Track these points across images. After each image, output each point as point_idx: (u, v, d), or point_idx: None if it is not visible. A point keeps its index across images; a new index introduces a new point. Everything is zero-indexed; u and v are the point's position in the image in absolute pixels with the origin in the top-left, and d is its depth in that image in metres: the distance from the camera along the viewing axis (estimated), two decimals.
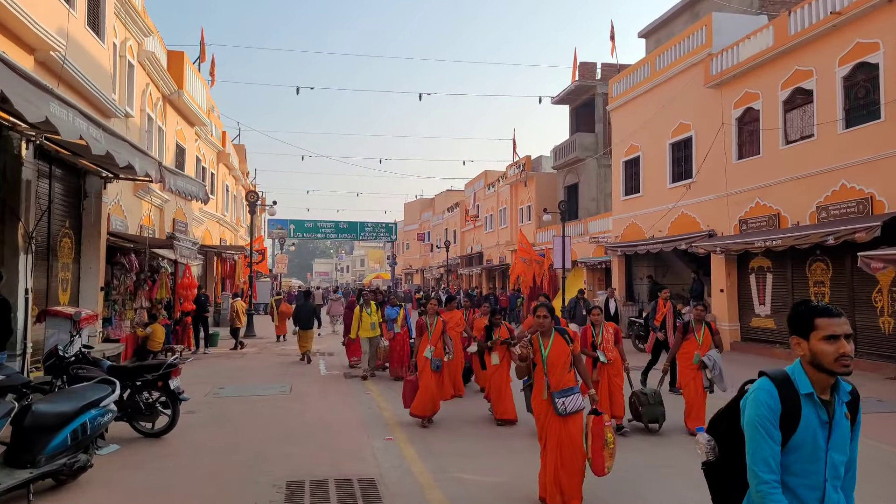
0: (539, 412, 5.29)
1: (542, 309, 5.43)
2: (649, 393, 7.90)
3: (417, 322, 8.68)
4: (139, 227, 15.63)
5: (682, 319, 17.70)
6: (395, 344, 11.94)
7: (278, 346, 18.22)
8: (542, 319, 5.36)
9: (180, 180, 10.12)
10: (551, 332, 5.38)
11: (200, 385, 11.12)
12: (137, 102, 15.16)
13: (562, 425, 5.11)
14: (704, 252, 17.31)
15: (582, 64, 27.99)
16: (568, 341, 5.33)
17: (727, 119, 16.94)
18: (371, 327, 12.08)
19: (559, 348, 5.30)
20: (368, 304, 12.35)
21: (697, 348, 7.98)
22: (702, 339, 8.03)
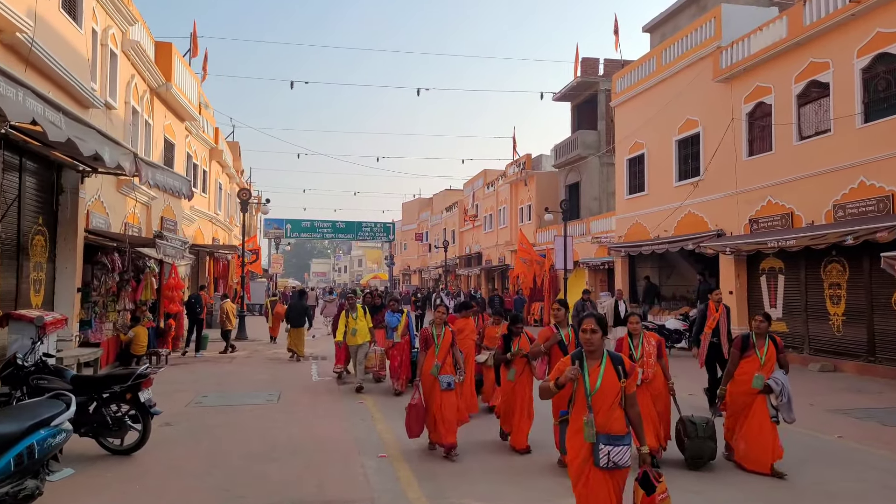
0: (574, 454, 4.05)
1: (589, 321, 4.09)
2: (699, 423, 6.43)
3: (422, 333, 7.32)
4: (123, 225, 14.92)
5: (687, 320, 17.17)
6: (395, 353, 10.79)
7: (270, 349, 17.54)
8: (591, 335, 4.02)
9: (160, 174, 9.43)
10: (602, 356, 4.05)
11: (182, 393, 10.44)
12: (121, 94, 14.46)
13: (603, 479, 3.91)
14: (713, 252, 16.66)
15: (584, 59, 27.34)
16: (621, 374, 4.00)
17: (737, 114, 16.29)
18: (353, 333, 10.94)
19: (610, 381, 3.99)
20: (354, 307, 11.14)
21: (759, 369, 6.45)
22: (765, 357, 6.47)
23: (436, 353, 7.08)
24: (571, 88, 27.73)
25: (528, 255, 28.33)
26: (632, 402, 4.04)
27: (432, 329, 7.23)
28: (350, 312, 11.08)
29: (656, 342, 6.73)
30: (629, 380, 4.03)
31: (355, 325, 10.86)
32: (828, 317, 13.91)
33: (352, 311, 11.07)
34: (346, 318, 11.02)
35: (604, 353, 4.05)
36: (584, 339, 4.05)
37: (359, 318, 10.97)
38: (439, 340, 7.11)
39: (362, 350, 11.02)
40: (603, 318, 4.14)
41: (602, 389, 3.96)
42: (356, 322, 10.90)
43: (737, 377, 6.59)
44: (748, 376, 6.46)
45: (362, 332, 10.91)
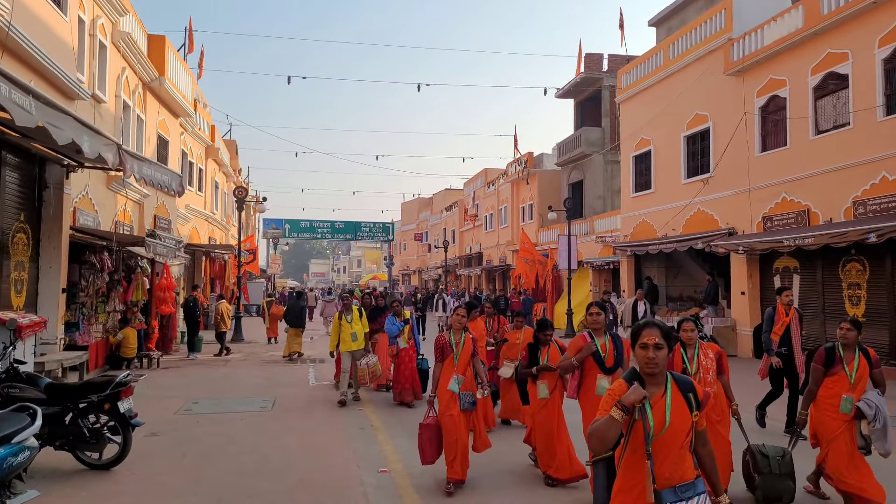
0: None
1: (651, 331, 2.89)
2: (772, 456, 5.33)
3: (437, 341, 6.10)
4: (114, 223, 14.37)
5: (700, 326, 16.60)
6: (398, 361, 9.84)
7: (266, 352, 16.98)
8: (653, 353, 2.86)
9: (147, 167, 8.87)
10: (666, 380, 2.93)
11: (172, 399, 9.88)
12: (111, 87, 13.91)
13: None
14: (724, 251, 16.12)
15: (588, 55, 26.80)
16: (692, 405, 2.89)
17: (749, 108, 15.75)
18: (352, 338, 9.76)
19: (680, 417, 2.86)
20: (349, 309, 9.95)
21: (849, 389, 5.25)
22: (855, 375, 5.29)
23: (455, 363, 5.97)
24: (575, 85, 27.18)
25: (531, 254, 27.78)
26: (703, 441, 3.01)
27: (450, 336, 6.08)
28: (344, 315, 9.89)
29: (715, 354, 5.50)
30: (703, 412, 2.95)
31: (352, 328, 9.77)
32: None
33: (346, 313, 9.91)
34: (340, 322, 9.84)
35: (667, 378, 2.95)
36: (643, 357, 2.90)
37: (354, 321, 9.84)
38: (458, 349, 5.99)
39: (358, 356, 9.88)
40: (670, 330, 2.99)
41: (670, 429, 2.82)
42: (352, 325, 9.80)
43: (820, 399, 5.39)
44: (835, 398, 5.27)
45: (357, 337, 9.86)
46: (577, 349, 5.48)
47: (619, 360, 5.43)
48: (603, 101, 26.76)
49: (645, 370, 2.91)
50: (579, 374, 5.53)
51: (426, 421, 5.89)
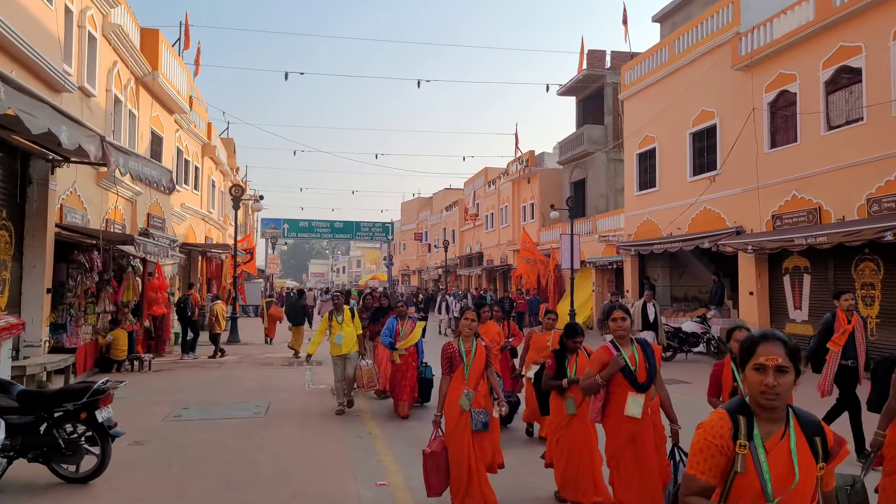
0: None
1: (774, 347, 2.16)
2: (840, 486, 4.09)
3: (445, 349, 5.19)
4: (104, 221, 13.96)
5: (707, 326, 16.23)
6: (396, 368, 8.95)
7: (263, 353, 16.56)
8: (775, 378, 2.11)
9: (134, 161, 8.45)
10: (787, 415, 2.18)
11: (161, 404, 9.46)
12: (101, 81, 13.49)
13: None
14: (732, 251, 15.72)
15: (590, 52, 26.38)
16: (818, 452, 2.12)
17: (758, 104, 15.34)
18: (336, 341, 8.89)
19: (807, 469, 2.11)
20: (340, 310, 9.08)
21: None
22: None
23: (465, 376, 5.06)
24: (577, 82, 26.77)
25: (532, 254, 27.39)
26: (829, 499, 2.19)
27: (459, 344, 5.18)
28: (334, 315, 9.03)
29: None
30: (833, 462, 2.16)
31: (340, 330, 8.89)
32: None
33: (337, 313, 9.05)
34: (330, 323, 9.01)
35: (788, 413, 2.17)
36: (760, 384, 2.11)
37: (345, 322, 8.97)
38: (469, 360, 5.10)
39: (350, 363, 8.97)
40: (796, 348, 2.25)
41: (800, 485, 2.06)
42: (342, 327, 8.92)
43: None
44: None
45: (349, 339, 8.95)
46: (602, 364, 4.51)
47: (651, 373, 4.51)
48: (605, 98, 26.35)
49: (762, 402, 2.12)
50: (604, 393, 4.56)
51: (431, 447, 4.96)
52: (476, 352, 5.14)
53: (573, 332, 5.54)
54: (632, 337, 4.63)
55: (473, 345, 5.18)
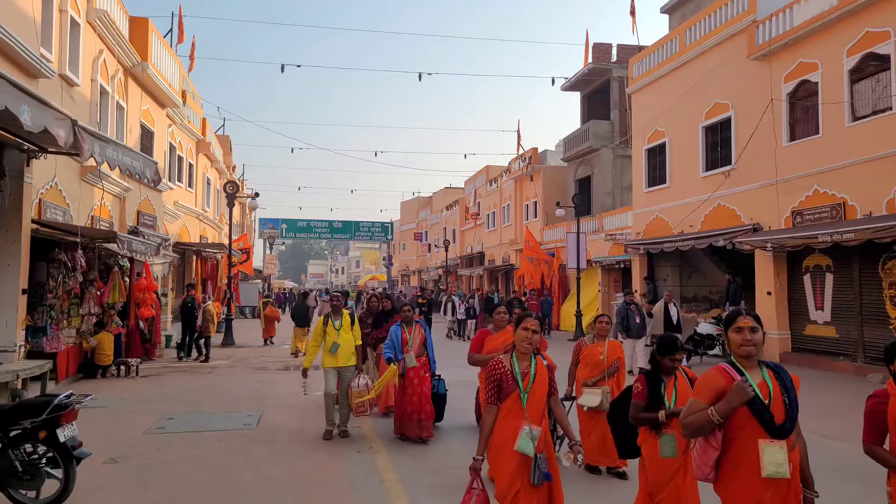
0: None
1: None
2: None
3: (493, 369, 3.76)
4: (90, 218, 13.24)
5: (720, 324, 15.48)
6: (403, 382, 7.42)
7: (258, 357, 15.83)
8: None
9: (113, 150, 7.72)
10: None
11: (144, 414, 8.74)
12: (86, 69, 12.78)
13: None
14: (750, 249, 15.01)
15: (595, 45, 25.67)
16: None
17: (777, 95, 14.63)
18: (332, 350, 7.45)
19: None
20: (338, 313, 7.70)
21: None
22: None
23: (524, 407, 3.65)
24: (582, 77, 26.06)
25: (535, 253, 26.67)
26: None
27: (511, 362, 3.74)
28: (331, 320, 7.64)
29: None
30: None
31: (337, 337, 7.49)
32: (888, 320, 12.26)
33: (334, 317, 7.67)
34: (325, 328, 7.59)
35: None
36: None
37: (343, 328, 7.56)
38: (528, 384, 3.69)
39: (347, 377, 7.51)
40: None
41: None
42: (339, 334, 7.52)
43: None
44: None
45: (346, 349, 7.52)
46: (715, 392, 2.99)
47: (793, 412, 2.97)
48: (612, 92, 25.64)
49: None
50: (720, 436, 3.00)
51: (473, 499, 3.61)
52: (536, 375, 3.72)
53: (671, 346, 4.08)
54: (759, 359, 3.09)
55: (532, 365, 3.75)
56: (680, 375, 4.11)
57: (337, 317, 7.68)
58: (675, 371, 4.11)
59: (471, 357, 6.35)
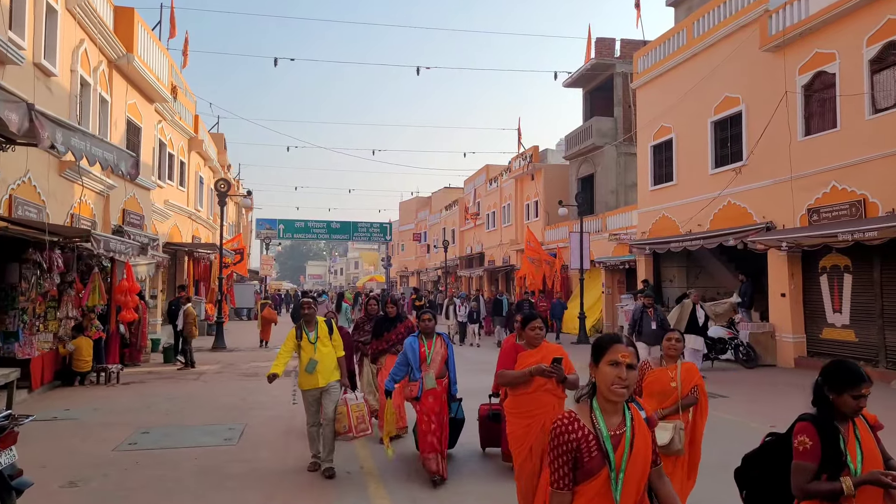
0: None
1: None
2: None
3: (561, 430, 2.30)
4: (70, 217, 12.56)
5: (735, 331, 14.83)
6: (425, 409, 5.85)
7: (248, 362, 15.14)
8: None
9: (79, 139, 7.03)
10: None
11: (117, 428, 8.06)
12: (65, 59, 12.10)
13: None
14: (764, 248, 14.35)
15: (599, 40, 25.01)
16: None
17: (791, 87, 13.98)
18: (308, 368, 6.09)
19: None
20: (311, 322, 6.29)
21: None
22: None
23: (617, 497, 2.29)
24: (584, 73, 25.39)
25: (537, 254, 25.99)
26: None
27: (595, 420, 2.35)
28: (304, 331, 6.23)
29: None
30: None
31: (313, 352, 6.12)
32: None
33: (307, 327, 6.26)
34: (298, 342, 6.24)
35: None
36: None
37: (320, 340, 6.20)
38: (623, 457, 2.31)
39: (330, 399, 6.11)
40: None
41: None
42: (315, 348, 6.14)
43: None
44: None
45: (327, 364, 6.16)
46: None
47: None
48: (615, 88, 24.97)
49: None
50: None
51: None
52: (635, 438, 2.34)
53: (854, 375, 2.69)
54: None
55: (628, 422, 2.36)
56: (859, 422, 2.80)
57: (311, 327, 6.28)
58: (857, 414, 2.75)
59: (502, 375, 4.80)
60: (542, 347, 4.77)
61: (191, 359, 13.79)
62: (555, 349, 4.72)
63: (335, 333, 6.43)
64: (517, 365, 4.75)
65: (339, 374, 6.31)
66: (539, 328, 4.42)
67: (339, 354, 6.38)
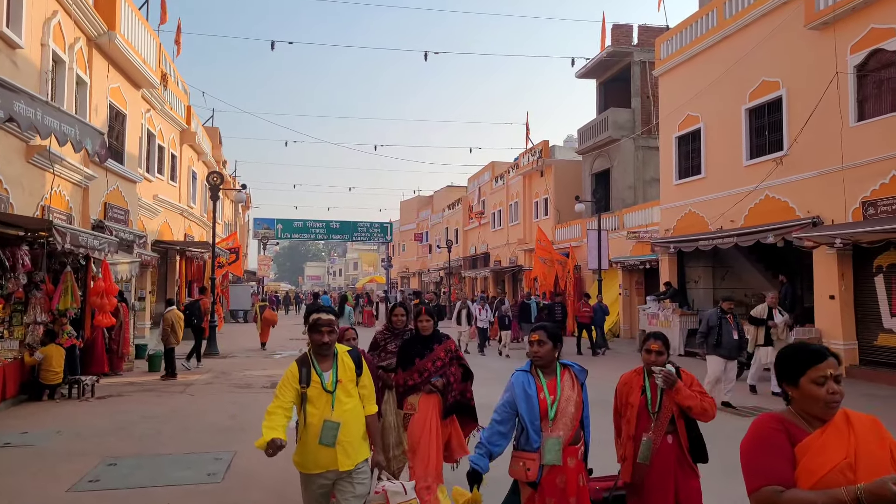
0: None
1: None
2: None
3: None
4: (40, 209, 11.18)
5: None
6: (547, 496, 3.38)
7: (242, 371, 13.78)
8: None
9: (25, 104, 5.69)
10: None
11: (80, 457, 6.69)
12: (33, 31, 10.74)
13: None
14: (813, 245, 13.01)
15: (615, 27, 23.67)
16: None
17: (842, 67, 12.65)
18: (326, 436, 3.44)
19: None
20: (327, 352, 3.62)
21: None
22: None
23: None
24: (599, 61, 24.05)
25: (548, 253, 24.65)
26: None
27: None
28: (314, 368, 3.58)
29: None
30: None
31: (331, 411, 3.51)
32: None
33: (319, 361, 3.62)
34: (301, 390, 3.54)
35: None
36: None
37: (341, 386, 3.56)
38: None
39: (354, 495, 3.54)
40: None
41: None
42: (334, 401, 3.52)
43: None
44: None
45: (353, 430, 3.56)
46: None
47: None
48: (633, 78, 23.62)
49: None
50: None
51: None
52: None
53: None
54: None
55: None
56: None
57: (326, 362, 3.61)
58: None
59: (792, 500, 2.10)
60: (841, 423, 2.15)
61: (172, 368, 12.36)
62: (870, 424, 2.17)
63: (365, 374, 3.68)
64: (806, 467, 2.09)
65: (366, 449, 3.66)
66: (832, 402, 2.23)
67: (371, 411, 3.73)
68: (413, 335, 5.08)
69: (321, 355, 3.64)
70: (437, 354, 4.84)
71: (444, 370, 4.78)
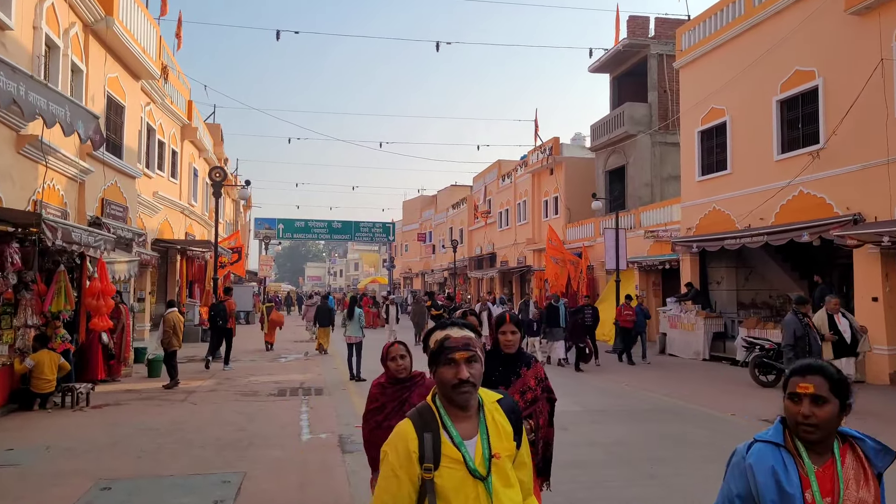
0: None
1: None
2: None
3: None
4: (32, 203, 10.41)
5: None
6: None
7: (248, 376, 13.00)
8: None
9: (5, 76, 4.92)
10: None
11: (70, 478, 5.91)
12: (25, 12, 9.98)
13: None
14: (856, 243, 12.22)
15: (631, 18, 22.92)
16: None
17: (887, 54, 11.89)
18: None
19: None
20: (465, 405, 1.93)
21: None
22: None
23: None
24: (614, 54, 23.28)
25: (560, 253, 23.87)
26: None
27: None
28: (448, 432, 1.91)
29: None
30: None
31: None
32: None
33: (453, 420, 1.94)
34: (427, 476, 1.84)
35: None
36: None
37: (497, 467, 1.90)
38: None
39: None
40: None
41: None
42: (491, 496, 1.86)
43: None
44: None
45: None
46: None
47: None
48: (650, 71, 22.84)
49: None
50: None
51: None
52: None
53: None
54: None
55: None
56: None
57: (466, 417, 1.96)
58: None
59: None
60: None
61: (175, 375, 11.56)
62: None
63: (524, 446, 2.04)
64: None
65: None
66: None
67: None
68: (490, 353, 3.36)
69: (457, 407, 1.95)
70: (526, 382, 3.36)
71: (536, 406, 3.33)
